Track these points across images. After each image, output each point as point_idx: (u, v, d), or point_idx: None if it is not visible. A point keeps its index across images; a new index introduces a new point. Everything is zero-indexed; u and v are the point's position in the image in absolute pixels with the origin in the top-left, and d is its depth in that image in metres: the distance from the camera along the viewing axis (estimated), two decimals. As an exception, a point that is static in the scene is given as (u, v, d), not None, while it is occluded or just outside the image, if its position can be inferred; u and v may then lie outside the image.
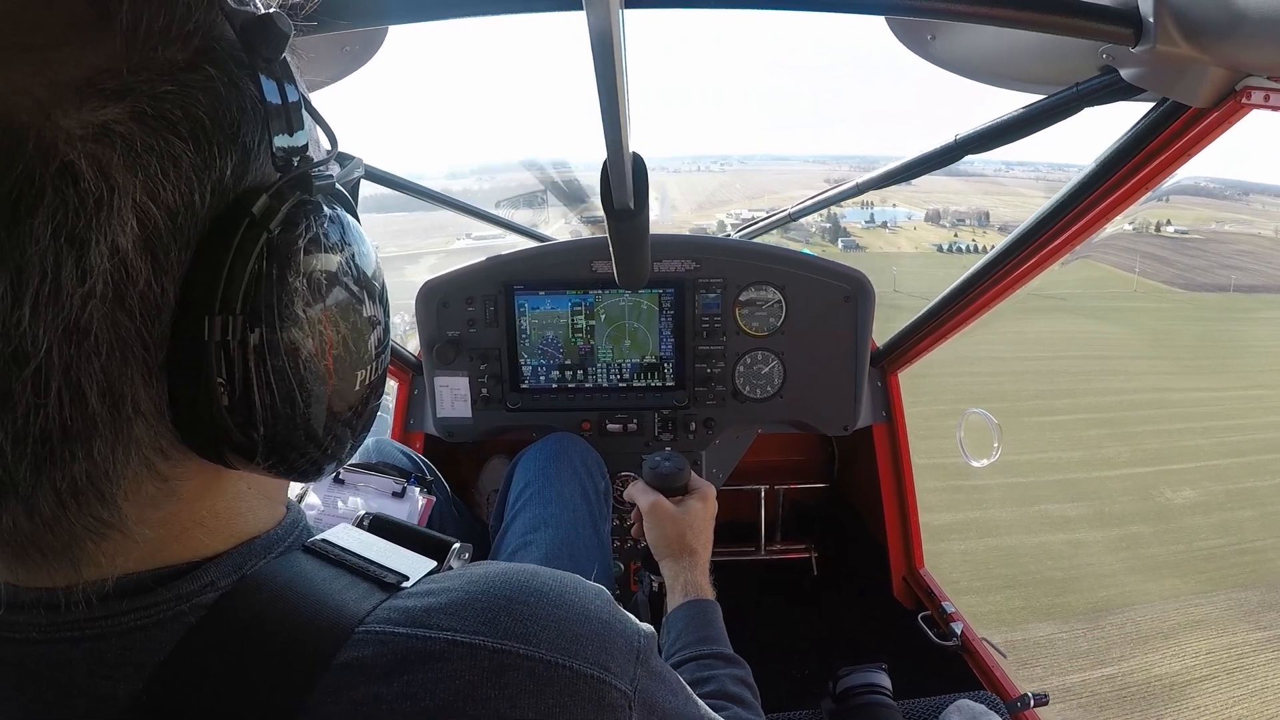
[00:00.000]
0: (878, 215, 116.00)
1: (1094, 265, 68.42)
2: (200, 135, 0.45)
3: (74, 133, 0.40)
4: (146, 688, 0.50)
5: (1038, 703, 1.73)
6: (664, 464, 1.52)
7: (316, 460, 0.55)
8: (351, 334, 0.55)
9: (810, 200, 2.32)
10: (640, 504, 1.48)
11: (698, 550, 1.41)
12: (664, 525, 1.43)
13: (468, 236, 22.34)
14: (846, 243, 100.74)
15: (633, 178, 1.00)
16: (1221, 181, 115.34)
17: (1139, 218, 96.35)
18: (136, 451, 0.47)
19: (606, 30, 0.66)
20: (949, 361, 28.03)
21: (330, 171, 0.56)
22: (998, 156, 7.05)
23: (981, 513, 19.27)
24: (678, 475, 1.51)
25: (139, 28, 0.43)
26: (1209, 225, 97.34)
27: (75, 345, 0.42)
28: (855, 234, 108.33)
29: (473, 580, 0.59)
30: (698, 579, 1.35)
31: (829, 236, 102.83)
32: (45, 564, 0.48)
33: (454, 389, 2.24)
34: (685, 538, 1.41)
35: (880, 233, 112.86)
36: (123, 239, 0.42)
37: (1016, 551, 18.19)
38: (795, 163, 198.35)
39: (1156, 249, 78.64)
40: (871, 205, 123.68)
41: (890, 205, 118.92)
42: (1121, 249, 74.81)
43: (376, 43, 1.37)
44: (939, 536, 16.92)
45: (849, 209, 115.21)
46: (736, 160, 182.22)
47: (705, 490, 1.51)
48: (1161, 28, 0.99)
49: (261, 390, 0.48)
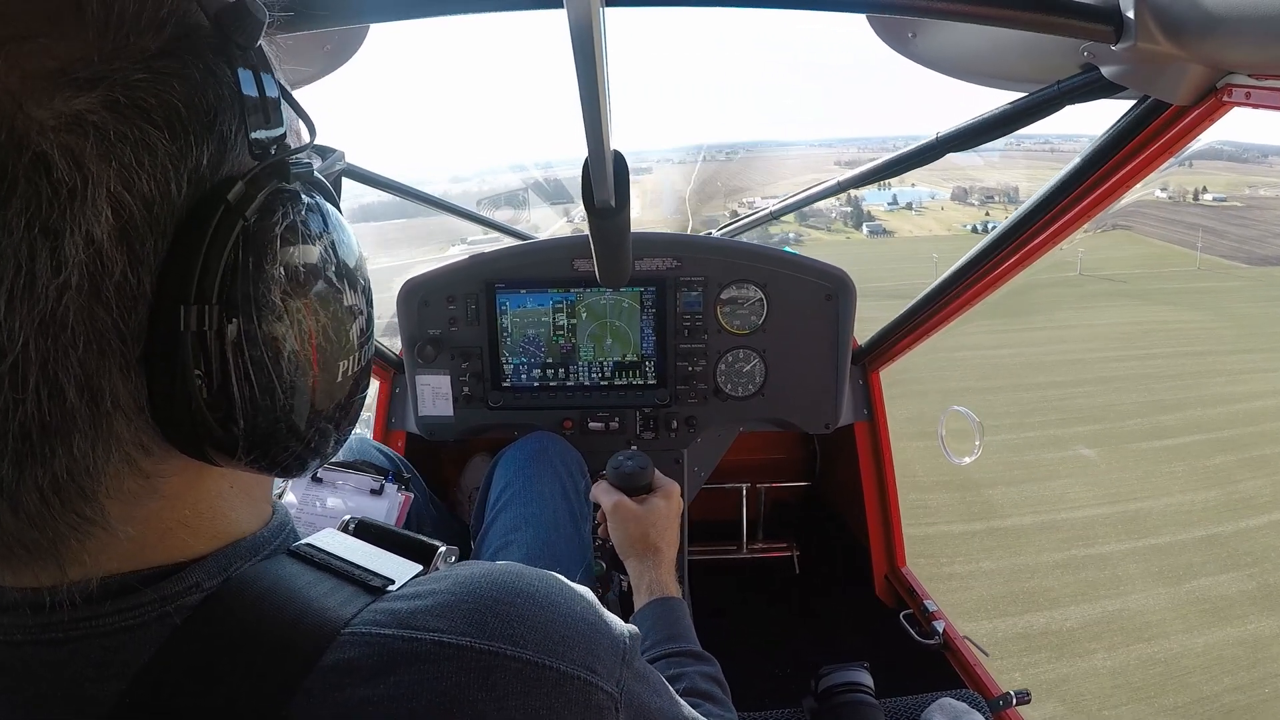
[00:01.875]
0: (900, 196, 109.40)
1: (1140, 240, 60.20)
2: (175, 123, 0.45)
3: (46, 123, 0.40)
4: (130, 689, 0.49)
5: (1020, 701, 1.74)
6: (626, 463, 1.51)
7: (300, 455, 0.55)
8: (332, 324, 0.54)
9: (791, 198, 2.32)
10: (603, 504, 1.48)
11: (662, 548, 1.40)
12: (627, 525, 1.43)
13: (462, 242, 22.12)
14: (872, 228, 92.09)
15: (614, 175, 1.00)
16: (1235, 145, 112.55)
17: (1172, 184, 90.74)
18: (117, 447, 0.46)
19: (587, 28, 0.66)
20: (1016, 370, 24.17)
21: (310, 161, 0.56)
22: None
23: (1121, 602, 13.36)
24: (640, 474, 1.50)
25: (110, 16, 0.43)
26: (1243, 190, 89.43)
27: (52, 339, 0.41)
28: (880, 217, 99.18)
29: (459, 582, 0.59)
30: (662, 577, 1.35)
31: (852, 222, 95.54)
32: (30, 562, 0.47)
33: (435, 387, 2.23)
34: (649, 536, 1.41)
35: (905, 215, 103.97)
36: (97, 229, 0.41)
37: (1180, 664, 11.97)
38: (800, 147, 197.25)
39: (1201, 218, 70.46)
40: (890, 186, 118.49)
41: (910, 185, 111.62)
42: (1162, 219, 68.44)
43: (356, 41, 1.35)
44: (1075, 647, 11.70)
45: (867, 191, 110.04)
46: (743, 148, 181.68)
47: (669, 488, 1.51)
48: (1142, 25, 0.99)
49: (240, 382, 0.48)
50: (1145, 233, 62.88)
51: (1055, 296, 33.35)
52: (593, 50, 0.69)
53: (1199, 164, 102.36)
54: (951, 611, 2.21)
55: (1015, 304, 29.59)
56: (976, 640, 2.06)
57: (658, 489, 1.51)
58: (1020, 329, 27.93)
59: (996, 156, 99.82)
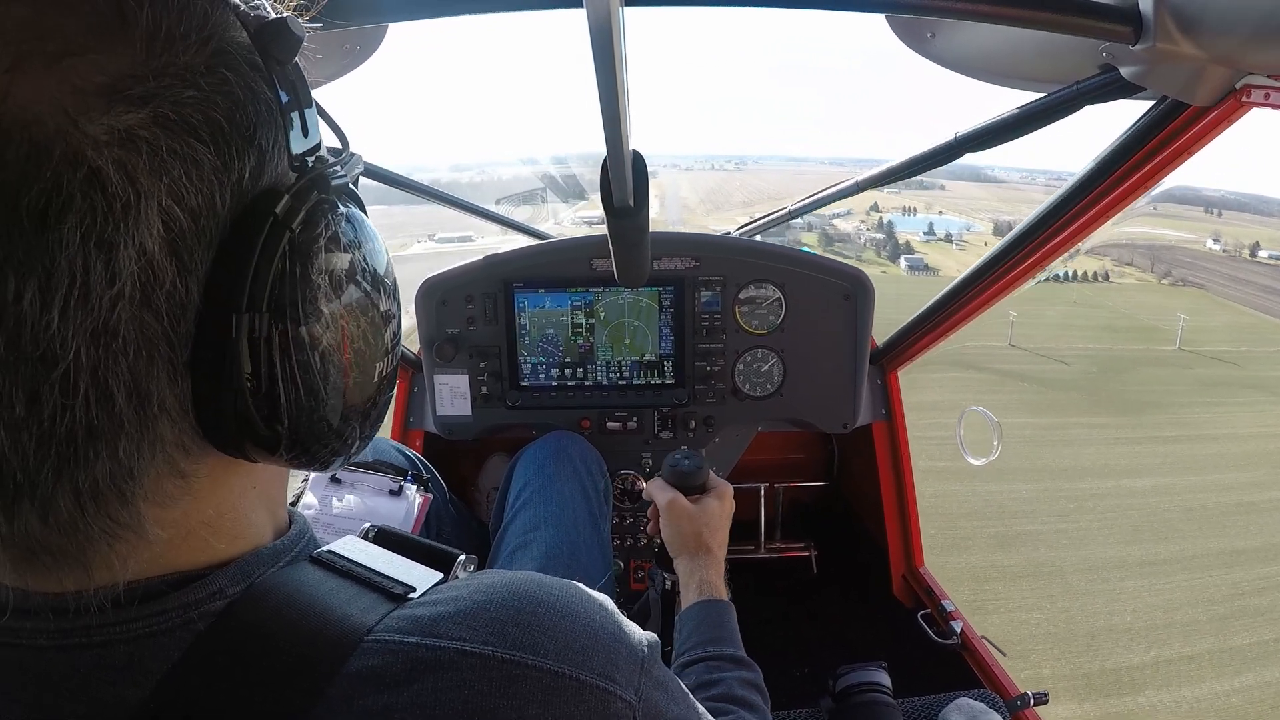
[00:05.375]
0: (936, 225, 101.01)
1: (1221, 304, 50.77)
2: (220, 138, 0.46)
3: (100, 139, 0.41)
4: (153, 695, 0.50)
5: (1037, 701, 1.73)
6: (684, 462, 1.52)
7: (335, 450, 0.57)
8: (370, 327, 0.57)
9: (810, 198, 2.32)
10: (658, 500, 1.48)
11: (713, 549, 1.41)
12: (681, 523, 1.43)
13: (430, 239, 21.52)
14: (912, 262, 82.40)
15: (633, 176, 1.00)
16: (1256, 197, 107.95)
17: (1224, 237, 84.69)
18: (161, 449, 0.48)
19: (606, 29, 0.66)
20: (1188, 530, 14.61)
21: (342, 171, 0.57)
22: (1016, 163, 6.60)
23: None
24: (696, 474, 1.51)
25: (159, 33, 0.44)
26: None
27: (103, 346, 0.43)
28: (918, 249, 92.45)
29: (480, 590, 0.59)
30: (712, 578, 1.35)
31: (886, 253, 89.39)
32: (56, 568, 0.48)
33: (453, 387, 2.25)
34: (702, 536, 1.41)
35: (945, 249, 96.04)
36: (149, 241, 0.43)
37: None
38: (811, 164, 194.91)
39: (1270, 278, 62.68)
40: (915, 212, 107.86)
41: (936, 213, 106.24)
42: (1232, 278, 62.38)
43: (377, 40, 1.37)
44: None
45: (897, 216, 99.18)
46: (752, 161, 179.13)
47: (723, 489, 1.51)
48: (1161, 26, 0.99)
49: (286, 384, 0.50)
50: (1221, 294, 56.69)
51: (1164, 383, 26.45)
52: (612, 50, 0.69)
53: (1228, 214, 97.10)
54: None
55: (1118, 389, 23.95)
56: (994, 641, 2.05)
57: (711, 489, 1.52)
58: (1148, 439, 20.05)
59: (1039, 191, 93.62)
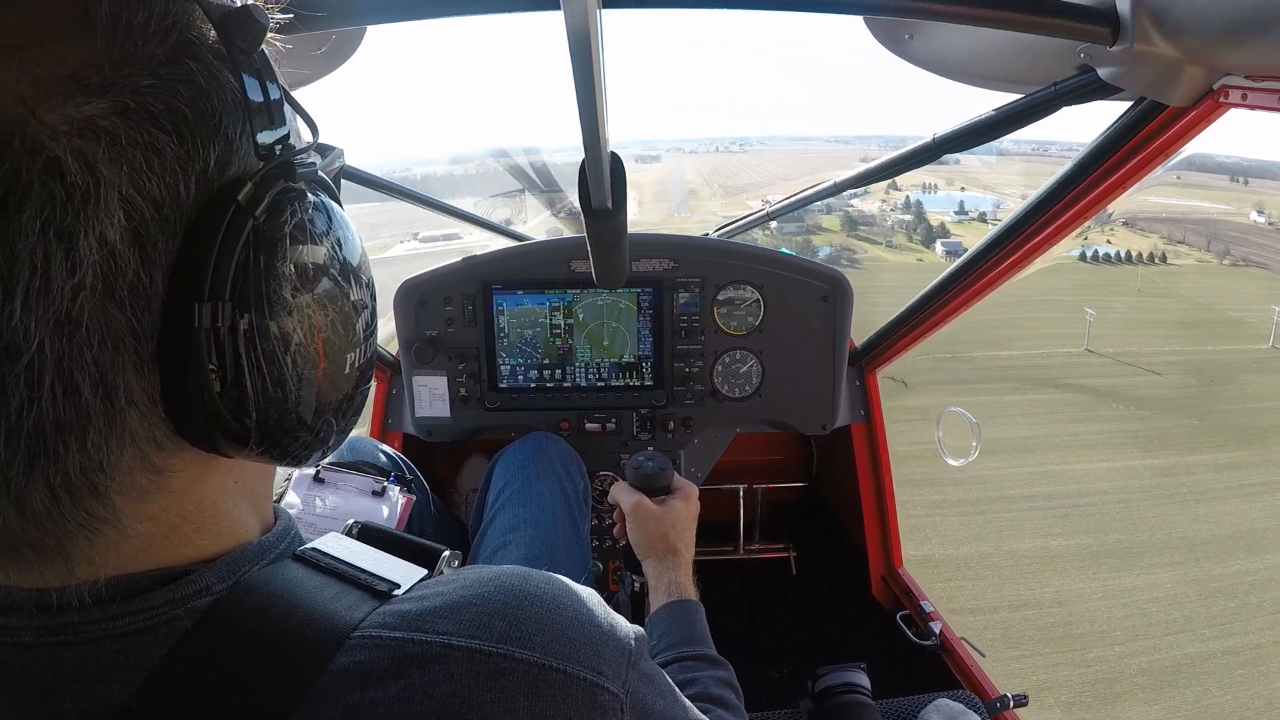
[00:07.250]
0: (967, 203, 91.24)
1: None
2: (183, 127, 0.46)
3: (59, 128, 0.41)
4: (139, 692, 0.50)
5: (1017, 703, 1.74)
6: (647, 464, 1.52)
7: (308, 444, 0.56)
8: (340, 318, 0.56)
9: (789, 199, 2.32)
10: (623, 504, 1.49)
11: (680, 550, 1.41)
12: (647, 525, 1.43)
13: (414, 238, 21.36)
14: (949, 246, 71.94)
15: (610, 177, 1.00)
16: (1255, 162, 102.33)
17: (1267, 209, 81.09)
18: (131, 442, 0.47)
19: (584, 30, 0.66)
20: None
21: (313, 160, 0.57)
22: (1035, 136, 6.41)
23: None
24: (661, 475, 1.51)
25: (119, 24, 0.44)
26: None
27: (67, 338, 0.42)
28: (953, 231, 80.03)
29: (466, 584, 0.60)
30: (681, 579, 1.35)
31: (919, 236, 78.79)
32: (38, 562, 0.48)
33: (432, 388, 2.23)
34: (668, 537, 1.41)
35: (982, 230, 75.40)
36: (110, 231, 0.43)
37: None
38: (818, 143, 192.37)
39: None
40: (934, 189, 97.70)
41: (958, 189, 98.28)
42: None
43: (355, 42, 1.35)
44: None
45: (925, 195, 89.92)
46: (756, 141, 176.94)
47: (688, 490, 1.52)
48: (1139, 27, 0.99)
49: (253, 375, 0.49)
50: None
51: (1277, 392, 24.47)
52: (590, 52, 0.68)
53: (1255, 183, 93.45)
54: None
55: (1230, 408, 21.56)
56: (972, 641, 2.06)
57: (676, 490, 1.52)
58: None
59: (1054, 165, 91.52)
